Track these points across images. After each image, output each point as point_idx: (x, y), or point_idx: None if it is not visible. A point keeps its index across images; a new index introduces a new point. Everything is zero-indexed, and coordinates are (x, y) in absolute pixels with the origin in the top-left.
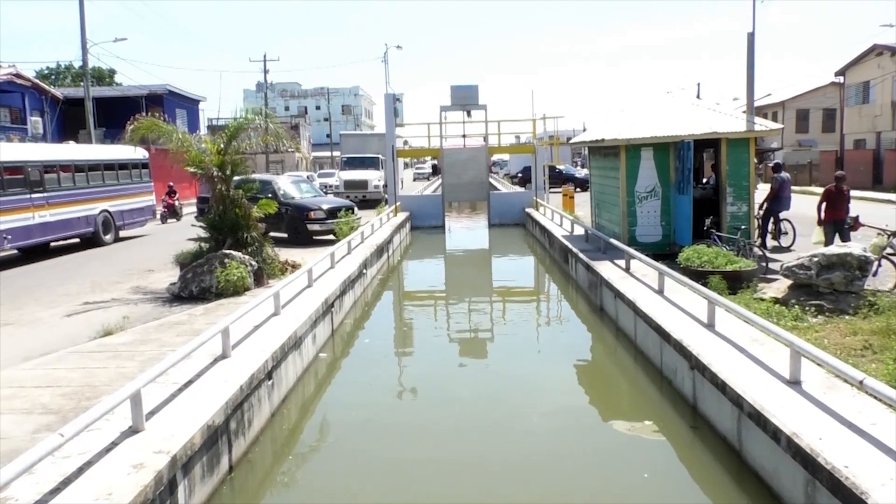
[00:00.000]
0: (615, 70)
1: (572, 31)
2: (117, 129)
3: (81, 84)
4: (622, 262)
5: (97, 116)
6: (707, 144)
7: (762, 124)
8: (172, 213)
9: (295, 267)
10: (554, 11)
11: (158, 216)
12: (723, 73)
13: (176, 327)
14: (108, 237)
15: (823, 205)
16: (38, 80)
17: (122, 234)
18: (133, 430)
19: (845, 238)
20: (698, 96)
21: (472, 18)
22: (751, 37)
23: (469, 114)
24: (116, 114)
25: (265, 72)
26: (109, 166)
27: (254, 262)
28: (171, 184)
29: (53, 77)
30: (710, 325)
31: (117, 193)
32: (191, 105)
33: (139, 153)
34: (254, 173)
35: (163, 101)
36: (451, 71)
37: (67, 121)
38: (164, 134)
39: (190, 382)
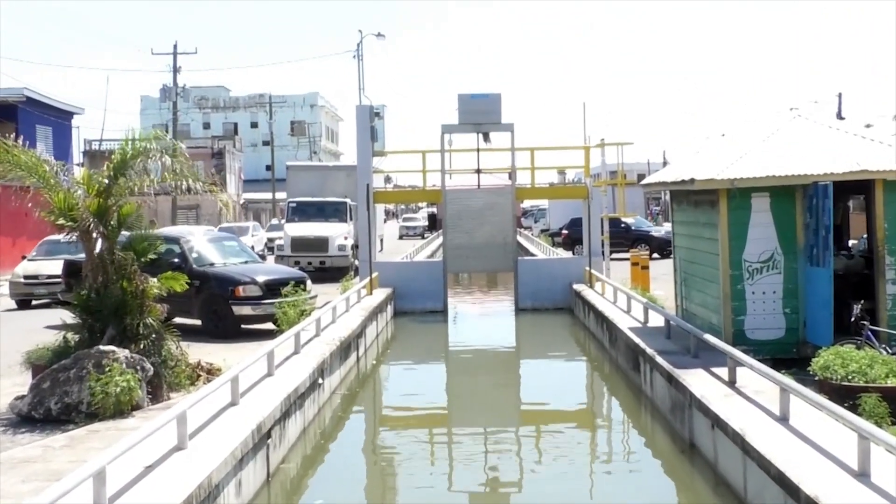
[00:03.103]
0: (712, 79)
1: (643, 22)
2: None
3: None
4: (723, 372)
5: None
6: (854, 189)
7: None
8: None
9: (212, 373)
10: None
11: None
12: (876, 83)
13: (22, 468)
14: None
15: None
16: None
17: None
18: None
19: None
20: (840, 115)
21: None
22: None
23: (487, 137)
24: None
25: (174, 71)
26: None
27: (148, 366)
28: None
29: None
30: (862, 475)
31: None
32: (60, 119)
33: None
34: (153, 226)
35: (17, 114)
36: (460, 74)
37: None
38: (12, 163)
39: None
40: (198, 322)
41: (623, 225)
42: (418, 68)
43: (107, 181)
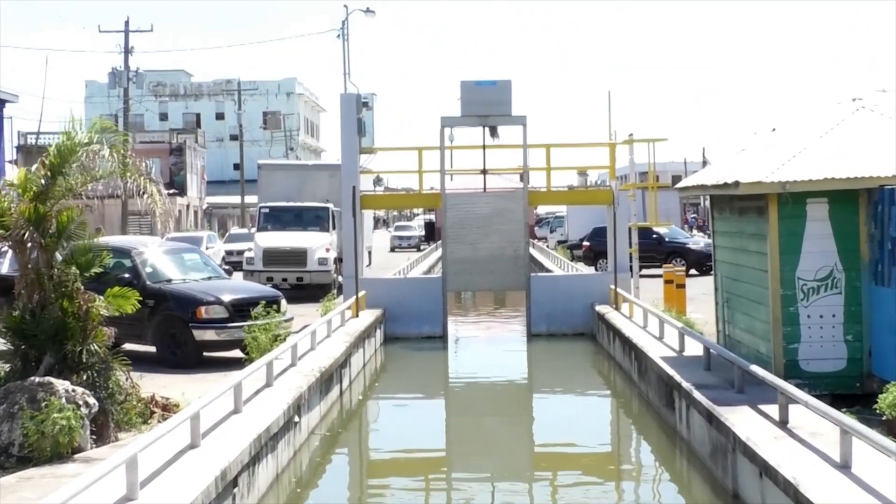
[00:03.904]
0: (710, 74)
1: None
2: None
3: None
4: (773, 410)
5: None
6: None
7: None
8: None
9: (168, 409)
10: None
11: None
12: None
13: None
14: None
15: None
16: None
17: None
18: None
19: None
20: None
21: None
22: None
23: (494, 132)
24: None
25: (126, 52)
26: None
27: (92, 401)
28: None
29: None
30: None
31: None
32: None
33: None
34: (99, 234)
35: None
36: (461, 59)
37: None
38: None
39: None
40: (152, 349)
41: (655, 236)
42: (414, 53)
43: (43, 182)
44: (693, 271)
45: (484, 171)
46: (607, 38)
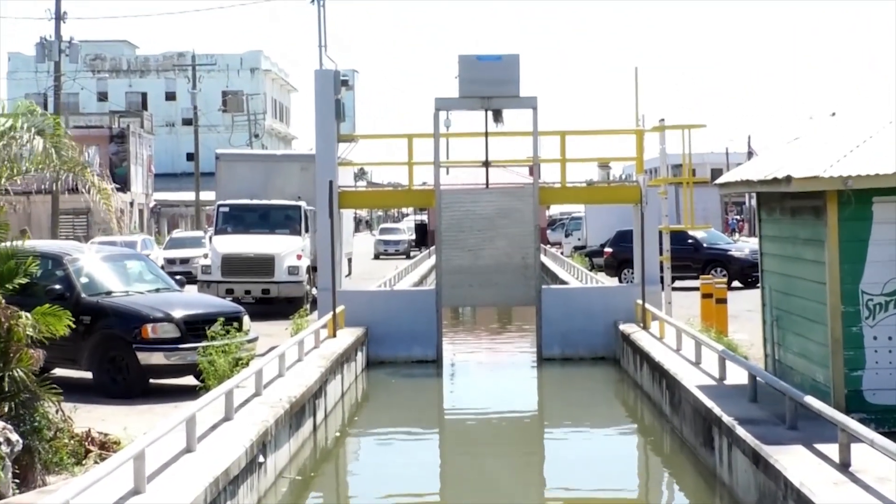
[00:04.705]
0: (710, 75)
1: None
2: None
3: None
4: (832, 450)
5: None
6: None
7: None
8: None
9: (107, 448)
10: None
11: None
12: None
13: None
14: None
15: None
16: None
17: None
18: None
19: None
20: None
21: None
22: None
23: (499, 117)
24: None
25: (57, 18)
26: None
27: (15, 438)
28: None
29: None
30: None
31: None
32: None
33: None
34: (24, 237)
35: None
36: (461, 35)
37: None
38: None
39: None
40: (88, 375)
41: (691, 241)
42: (403, 25)
43: None
44: (736, 283)
45: (486, 164)
46: (607, 38)
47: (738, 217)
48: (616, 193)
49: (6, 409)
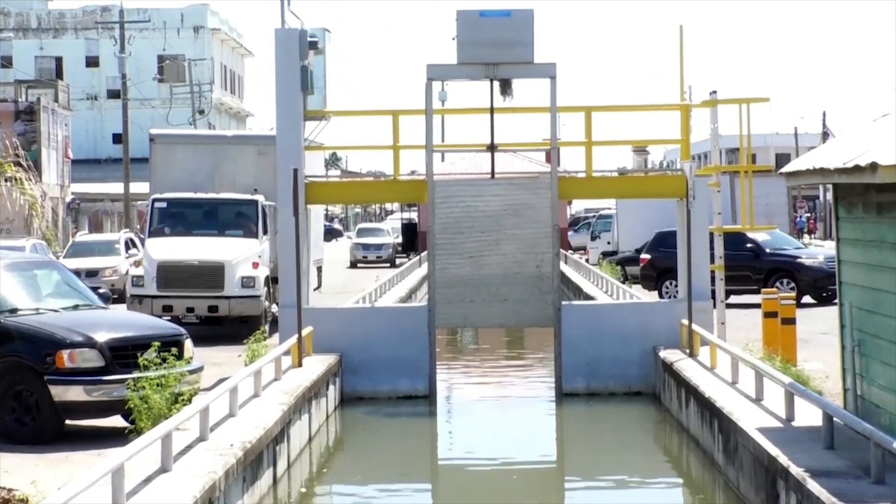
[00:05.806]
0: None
1: None
2: None
3: None
4: None
5: None
6: None
7: None
8: None
9: None
10: None
11: None
12: None
13: None
14: None
15: None
16: None
17: None
18: None
19: None
20: None
21: None
22: None
23: (507, 89)
24: None
25: None
26: None
27: None
28: None
29: None
30: None
31: None
32: None
33: None
34: None
35: None
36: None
37: None
38: None
39: None
40: None
41: (750, 245)
42: None
43: None
44: (807, 299)
45: (492, 147)
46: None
47: (809, 215)
48: (655, 185)
49: None
